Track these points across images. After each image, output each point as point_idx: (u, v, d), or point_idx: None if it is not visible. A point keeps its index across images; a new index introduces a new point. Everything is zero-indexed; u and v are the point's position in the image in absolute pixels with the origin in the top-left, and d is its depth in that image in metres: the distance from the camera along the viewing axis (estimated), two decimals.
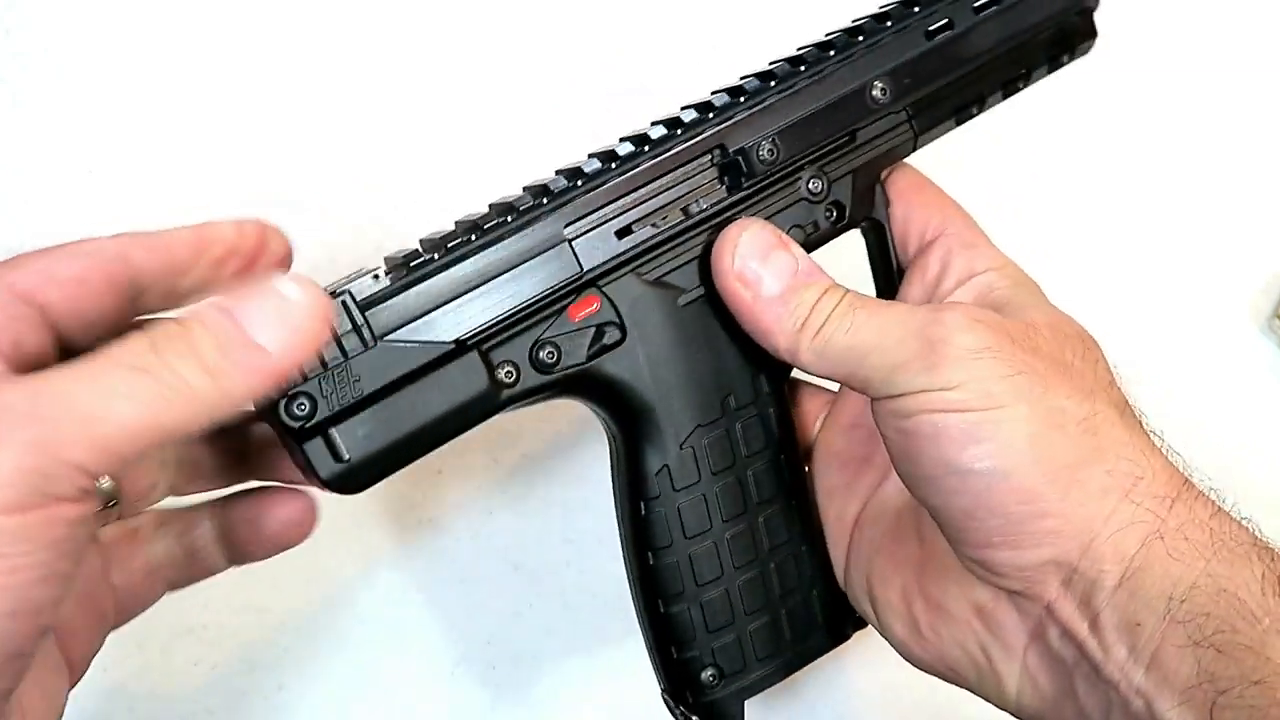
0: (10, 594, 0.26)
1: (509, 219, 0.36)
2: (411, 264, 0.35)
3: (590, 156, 0.37)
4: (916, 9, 0.40)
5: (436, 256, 0.35)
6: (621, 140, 0.37)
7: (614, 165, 0.37)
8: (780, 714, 0.53)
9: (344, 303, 0.33)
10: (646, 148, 0.37)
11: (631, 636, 0.40)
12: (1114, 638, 0.32)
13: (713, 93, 0.38)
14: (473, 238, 0.35)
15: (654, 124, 0.38)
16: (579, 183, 0.36)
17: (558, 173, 0.37)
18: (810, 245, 0.39)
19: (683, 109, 0.38)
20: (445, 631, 0.50)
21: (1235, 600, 0.31)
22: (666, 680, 0.40)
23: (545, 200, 0.36)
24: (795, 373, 0.40)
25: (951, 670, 0.37)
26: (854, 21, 0.40)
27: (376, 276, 0.35)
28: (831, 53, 0.39)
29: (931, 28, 0.40)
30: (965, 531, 0.34)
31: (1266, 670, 0.30)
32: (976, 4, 0.40)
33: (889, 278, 0.42)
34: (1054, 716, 0.34)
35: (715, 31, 0.56)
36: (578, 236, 0.36)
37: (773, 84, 0.38)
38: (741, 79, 0.39)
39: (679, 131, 0.37)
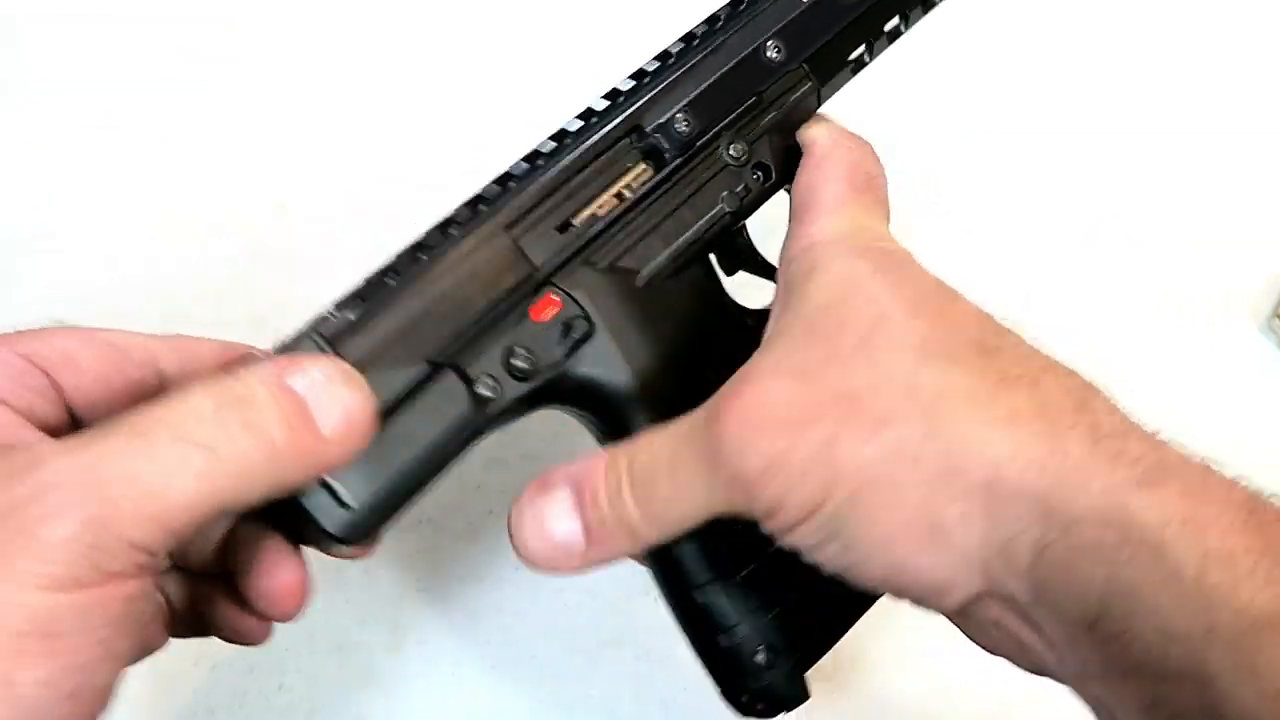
0: (71, 675, 0.24)
1: (450, 230, 0.35)
2: (362, 294, 0.34)
3: (519, 161, 0.37)
4: None
5: (387, 280, 0.34)
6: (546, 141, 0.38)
7: (540, 163, 0.37)
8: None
9: (314, 341, 0.32)
10: (568, 140, 0.38)
11: (631, 637, 0.40)
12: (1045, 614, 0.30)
13: (618, 84, 0.39)
14: (418, 256, 0.35)
15: (572, 120, 0.38)
16: (509, 185, 0.36)
17: (492, 182, 0.37)
18: (745, 209, 0.40)
19: (595, 102, 0.39)
20: (445, 631, 0.50)
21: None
22: (721, 681, 0.38)
23: (481, 208, 0.36)
24: None
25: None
26: None
27: (332, 316, 0.33)
28: (718, 25, 0.40)
29: None
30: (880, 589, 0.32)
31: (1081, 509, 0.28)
32: None
33: None
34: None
35: None
36: (521, 237, 0.36)
37: (671, 61, 0.39)
38: (642, 65, 0.39)
39: (594, 120, 0.38)
